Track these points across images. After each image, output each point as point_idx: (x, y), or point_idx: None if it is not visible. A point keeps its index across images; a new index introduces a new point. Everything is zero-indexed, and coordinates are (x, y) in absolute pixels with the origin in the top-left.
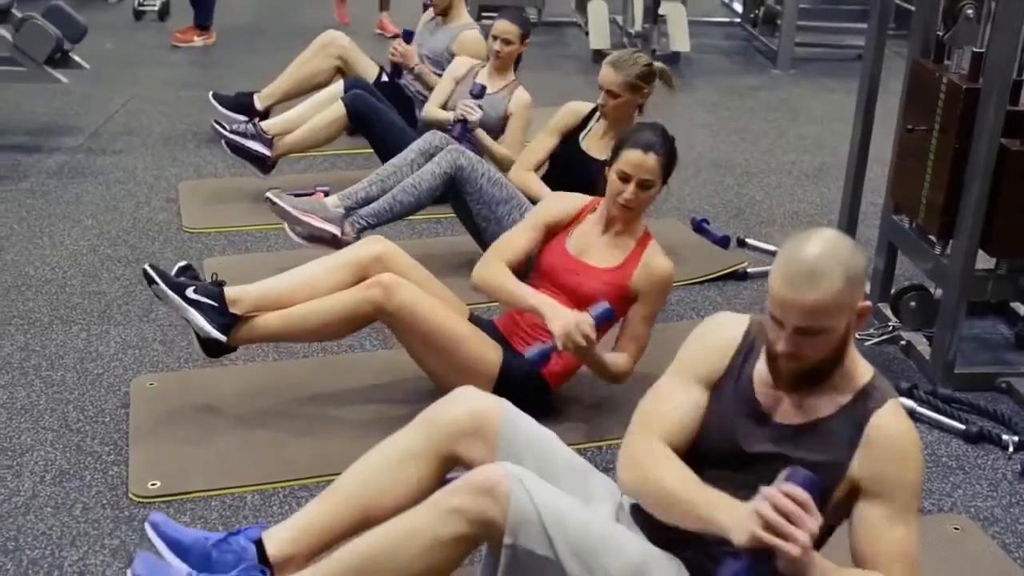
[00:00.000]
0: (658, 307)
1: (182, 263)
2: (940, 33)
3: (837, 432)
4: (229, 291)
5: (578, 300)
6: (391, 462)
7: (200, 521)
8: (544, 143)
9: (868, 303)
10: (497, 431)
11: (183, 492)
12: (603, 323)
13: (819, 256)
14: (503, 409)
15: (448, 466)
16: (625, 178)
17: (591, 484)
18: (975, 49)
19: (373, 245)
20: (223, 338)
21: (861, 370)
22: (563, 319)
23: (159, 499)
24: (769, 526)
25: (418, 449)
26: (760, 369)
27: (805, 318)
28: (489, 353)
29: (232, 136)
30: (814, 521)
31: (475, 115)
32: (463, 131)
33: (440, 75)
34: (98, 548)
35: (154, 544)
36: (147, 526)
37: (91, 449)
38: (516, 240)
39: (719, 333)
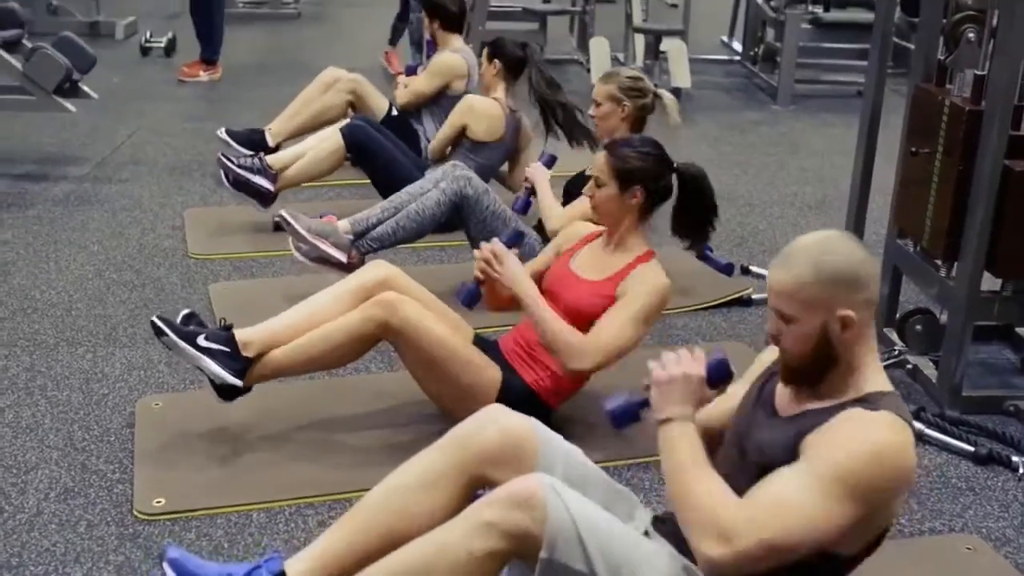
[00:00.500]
0: (639, 309)
1: (186, 311)
2: (942, 57)
3: (814, 418)
4: (239, 334)
5: (570, 313)
6: (418, 485)
7: (205, 539)
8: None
9: (850, 312)
10: (535, 453)
11: (188, 510)
12: (513, 243)
13: (802, 245)
14: (537, 431)
15: (476, 487)
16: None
17: (621, 499)
18: (977, 72)
19: (377, 270)
20: (239, 383)
21: (873, 381)
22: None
23: (164, 516)
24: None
25: (447, 472)
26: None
27: (774, 298)
28: (489, 373)
29: (239, 170)
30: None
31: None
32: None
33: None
34: (102, 565)
35: None
36: (165, 565)
37: (96, 467)
38: (535, 261)
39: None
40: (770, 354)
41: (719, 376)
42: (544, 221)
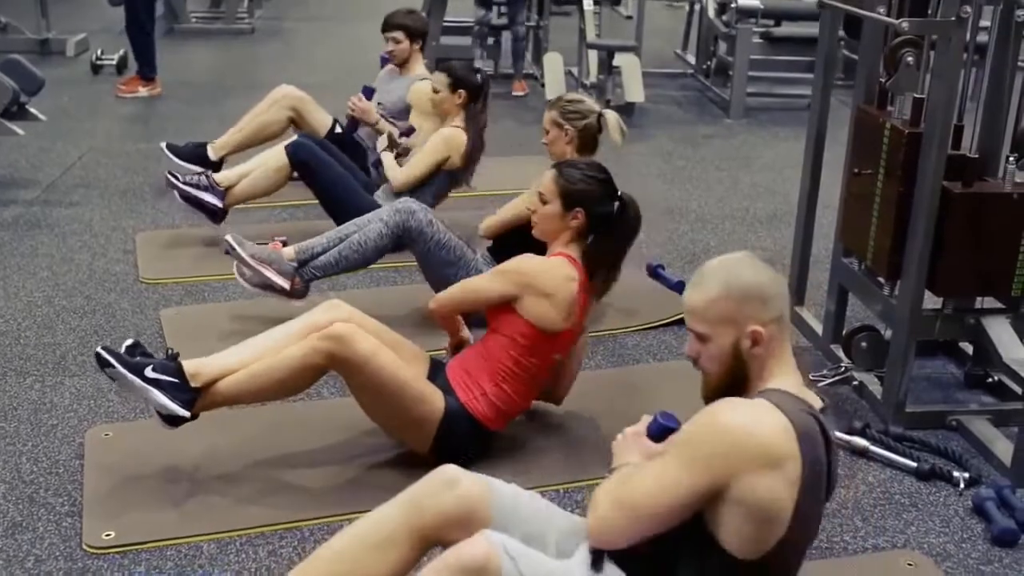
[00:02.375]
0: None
1: (130, 341)
2: (883, 80)
3: None
4: (188, 365)
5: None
6: (372, 544)
7: (155, 571)
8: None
9: (760, 328)
10: (489, 515)
11: (138, 542)
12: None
13: (712, 264)
14: (492, 492)
15: (429, 548)
16: (534, 190)
17: (577, 538)
18: (916, 95)
19: (332, 312)
20: (187, 414)
21: (775, 384)
22: None
23: (114, 550)
24: None
25: (400, 533)
26: None
27: (689, 318)
28: (435, 404)
29: (186, 188)
30: None
31: (381, 141)
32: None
33: (397, 126)
34: None
35: None
36: None
37: (44, 500)
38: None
39: None
40: None
41: (657, 431)
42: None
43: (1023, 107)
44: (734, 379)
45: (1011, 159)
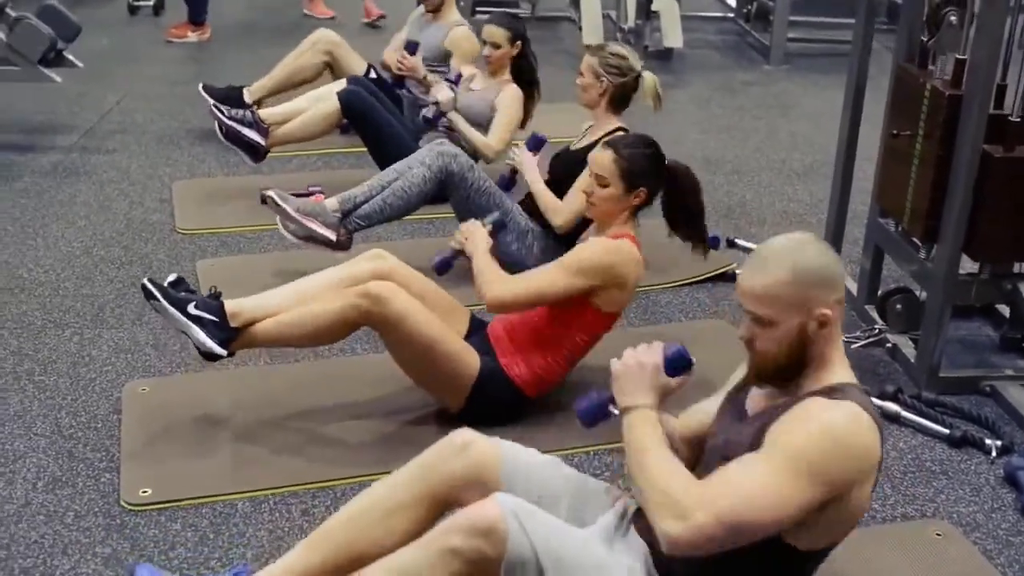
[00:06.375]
0: (571, 258)
1: (173, 276)
2: (924, 39)
3: (779, 411)
4: (229, 304)
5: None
6: (384, 511)
7: (191, 529)
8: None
9: (828, 311)
10: (499, 478)
11: (174, 500)
12: (493, 230)
13: (775, 247)
14: (503, 456)
15: (444, 510)
16: (590, 173)
17: (589, 503)
18: (958, 56)
19: (375, 261)
20: (224, 352)
21: (839, 375)
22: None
23: (150, 507)
24: None
25: (412, 500)
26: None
27: (751, 303)
28: (470, 363)
29: (230, 121)
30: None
31: (443, 95)
32: (436, 113)
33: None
34: (90, 557)
35: None
36: None
37: (83, 456)
38: None
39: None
40: (744, 369)
41: (677, 364)
42: (547, 216)
43: None
44: (794, 360)
45: None
